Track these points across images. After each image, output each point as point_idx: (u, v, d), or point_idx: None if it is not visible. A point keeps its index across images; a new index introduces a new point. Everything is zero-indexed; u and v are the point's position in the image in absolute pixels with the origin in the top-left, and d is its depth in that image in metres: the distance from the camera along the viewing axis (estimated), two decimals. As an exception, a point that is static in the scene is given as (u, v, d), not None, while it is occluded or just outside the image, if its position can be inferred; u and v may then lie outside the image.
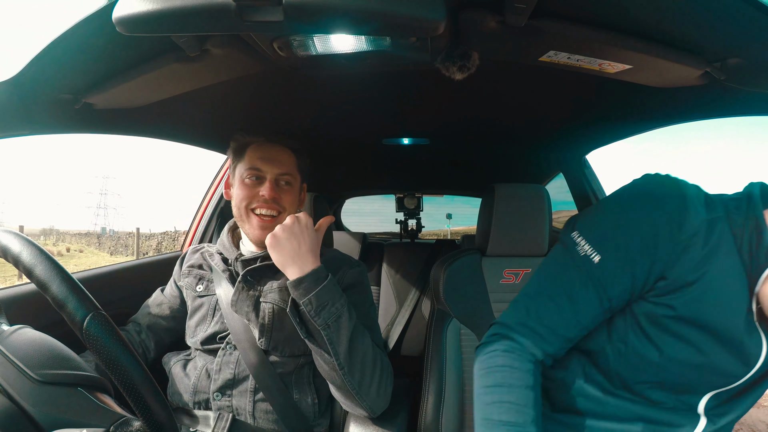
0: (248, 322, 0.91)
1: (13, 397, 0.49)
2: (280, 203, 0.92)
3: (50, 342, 0.57)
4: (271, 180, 0.92)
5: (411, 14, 0.48)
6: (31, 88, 0.69)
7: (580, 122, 1.15)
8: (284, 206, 0.93)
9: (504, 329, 0.68)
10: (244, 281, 0.93)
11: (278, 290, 0.92)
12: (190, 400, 0.91)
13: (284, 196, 0.93)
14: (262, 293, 0.93)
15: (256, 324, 0.90)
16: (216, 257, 0.99)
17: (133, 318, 1.05)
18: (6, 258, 0.49)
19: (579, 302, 0.63)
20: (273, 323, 0.91)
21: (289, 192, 0.94)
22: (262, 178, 0.93)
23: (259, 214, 0.91)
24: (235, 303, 0.91)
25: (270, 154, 0.94)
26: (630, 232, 0.59)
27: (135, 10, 0.48)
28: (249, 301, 0.92)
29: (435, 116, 1.15)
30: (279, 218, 0.92)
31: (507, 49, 0.67)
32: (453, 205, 2.88)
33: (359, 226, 2.77)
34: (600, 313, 0.63)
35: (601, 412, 0.67)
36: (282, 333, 0.91)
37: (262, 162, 0.93)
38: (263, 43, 0.65)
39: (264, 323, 0.90)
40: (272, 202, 0.91)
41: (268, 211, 0.91)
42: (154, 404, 0.44)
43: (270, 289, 0.93)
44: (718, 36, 0.59)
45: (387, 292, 1.75)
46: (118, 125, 1.00)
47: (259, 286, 0.94)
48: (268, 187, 0.91)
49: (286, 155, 0.96)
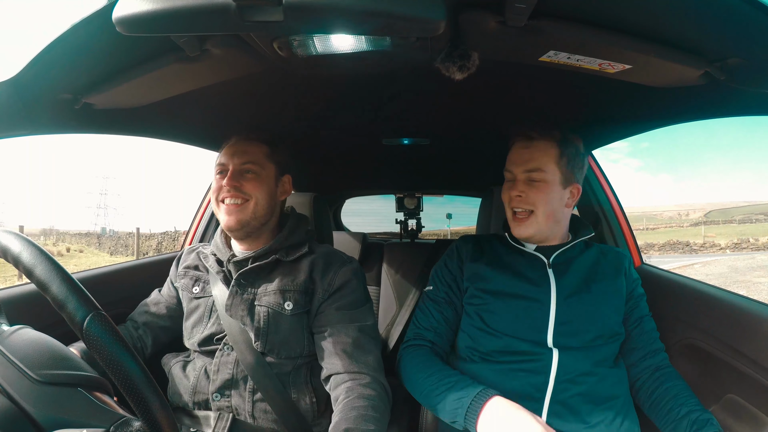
0: (244, 326, 0.91)
1: (13, 397, 0.49)
2: (242, 191, 0.93)
3: (50, 342, 0.57)
4: (232, 170, 0.94)
5: (411, 14, 0.48)
6: (31, 88, 0.69)
7: (580, 122, 1.15)
8: (249, 193, 0.94)
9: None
10: (237, 285, 0.93)
11: (273, 293, 0.92)
12: (190, 400, 0.91)
13: (246, 183, 0.94)
14: (256, 296, 0.93)
15: (251, 328, 0.90)
16: (210, 258, 1.00)
17: (131, 316, 1.05)
18: (6, 258, 0.49)
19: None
20: (268, 326, 0.91)
21: (254, 180, 0.95)
22: (226, 170, 0.95)
23: (226, 203, 0.93)
24: (229, 307, 0.92)
25: (235, 149, 0.97)
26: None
27: (135, 10, 0.48)
28: (243, 305, 0.92)
29: (435, 116, 1.15)
30: (245, 205, 0.93)
31: (507, 49, 0.67)
32: (453, 205, 2.87)
33: (358, 226, 2.77)
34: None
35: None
36: (278, 336, 0.91)
37: (226, 156, 0.96)
38: (263, 43, 0.65)
39: (259, 326, 0.90)
40: (234, 191, 0.92)
41: (231, 200, 0.93)
42: (154, 404, 0.44)
43: (264, 292, 0.93)
44: (718, 36, 0.59)
45: (387, 292, 1.75)
46: (118, 125, 1.00)
47: (253, 289, 0.94)
48: (228, 178, 0.93)
49: (253, 147, 0.97)
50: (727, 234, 31.38)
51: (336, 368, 0.86)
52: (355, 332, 0.90)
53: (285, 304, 0.91)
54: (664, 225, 58.67)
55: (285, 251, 0.97)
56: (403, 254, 1.81)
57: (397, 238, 2.39)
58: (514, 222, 0.97)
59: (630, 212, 1.58)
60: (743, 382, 0.81)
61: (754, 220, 47.56)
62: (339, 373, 0.86)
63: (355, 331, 0.90)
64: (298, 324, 0.93)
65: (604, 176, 1.48)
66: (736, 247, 23.88)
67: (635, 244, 1.42)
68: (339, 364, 0.86)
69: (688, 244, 24.76)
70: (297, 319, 0.92)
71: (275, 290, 0.92)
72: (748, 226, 41.98)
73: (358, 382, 0.84)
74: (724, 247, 23.85)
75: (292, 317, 0.92)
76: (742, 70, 0.65)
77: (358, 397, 0.80)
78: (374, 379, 0.85)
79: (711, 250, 23.33)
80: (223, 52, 0.66)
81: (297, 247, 0.99)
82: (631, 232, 1.44)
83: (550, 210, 0.94)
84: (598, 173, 1.47)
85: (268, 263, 0.95)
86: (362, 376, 0.85)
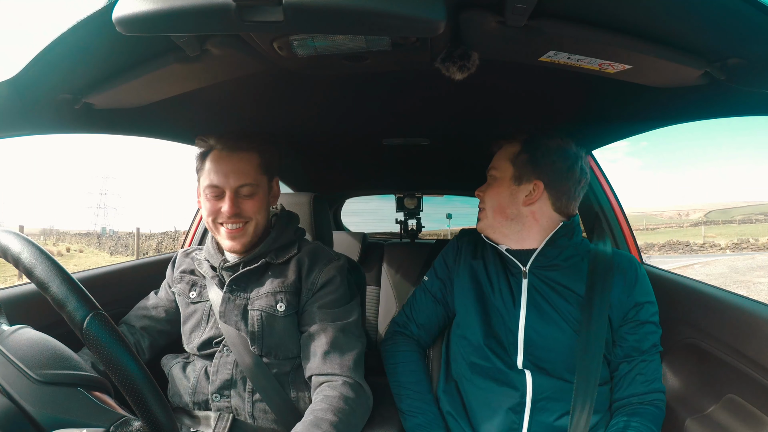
0: (239, 331, 0.91)
1: (13, 397, 0.48)
2: (243, 215, 0.92)
3: (50, 342, 0.57)
4: (230, 196, 0.90)
5: (411, 14, 0.48)
6: (31, 88, 0.69)
7: (579, 122, 1.15)
8: (249, 215, 0.92)
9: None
10: (229, 290, 0.93)
11: (265, 296, 0.92)
12: (190, 401, 0.91)
13: (246, 206, 0.92)
14: (248, 300, 0.93)
15: (246, 332, 0.90)
16: (204, 264, 0.99)
17: (125, 320, 1.03)
18: (6, 258, 0.49)
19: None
20: (263, 330, 0.91)
21: (253, 200, 0.93)
22: (222, 194, 0.91)
23: (227, 228, 0.92)
24: (223, 314, 0.92)
25: (227, 167, 0.91)
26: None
27: (135, 10, 0.48)
28: (237, 310, 0.92)
29: (435, 116, 1.15)
30: (246, 227, 0.92)
31: (507, 49, 0.67)
32: (453, 205, 2.87)
33: (357, 227, 2.76)
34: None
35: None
36: (273, 338, 0.91)
37: (218, 177, 0.91)
38: (263, 43, 0.65)
39: (254, 330, 0.90)
40: (235, 217, 0.90)
41: (233, 225, 0.91)
42: (154, 404, 0.44)
43: (257, 296, 0.93)
44: (718, 36, 0.59)
45: (387, 292, 1.75)
46: (118, 125, 1.00)
47: (245, 294, 0.93)
48: (228, 205, 0.90)
49: (244, 162, 0.93)
50: (727, 234, 31.40)
51: (312, 370, 0.88)
52: (336, 332, 0.90)
53: (278, 306, 0.91)
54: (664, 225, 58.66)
55: (275, 253, 0.97)
56: (403, 254, 1.81)
57: (397, 238, 2.39)
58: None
59: (630, 212, 1.58)
60: (743, 382, 0.81)
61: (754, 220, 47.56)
62: (315, 374, 0.87)
63: (335, 331, 0.90)
64: (292, 324, 0.93)
65: (604, 176, 1.47)
66: (736, 248, 23.88)
67: (635, 244, 1.42)
68: (315, 366, 0.87)
69: (688, 245, 24.76)
70: (290, 319, 0.93)
71: (267, 293, 0.92)
72: (748, 226, 41.98)
73: (329, 384, 0.85)
74: (724, 248, 23.85)
75: (286, 318, 0.92)
76: (742, 70, 0.65)
77: (322, 400, 0.81)
78: (345, 382, 0.85)
79: (711, 251, 23.33)
80: (223, 52, 0.66)
81: (287, 248, 0.99)
82: (631, 232, 1.44)
83: (497, 205, 0.97)
84: (598, 173, 1.47)
85: (258, 267, 0.94)
86: (335, 377, 0.85)
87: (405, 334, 1.07)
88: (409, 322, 1.07)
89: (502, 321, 0.93)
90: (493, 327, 0.93)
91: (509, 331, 0.92)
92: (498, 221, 0.97)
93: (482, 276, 0.99)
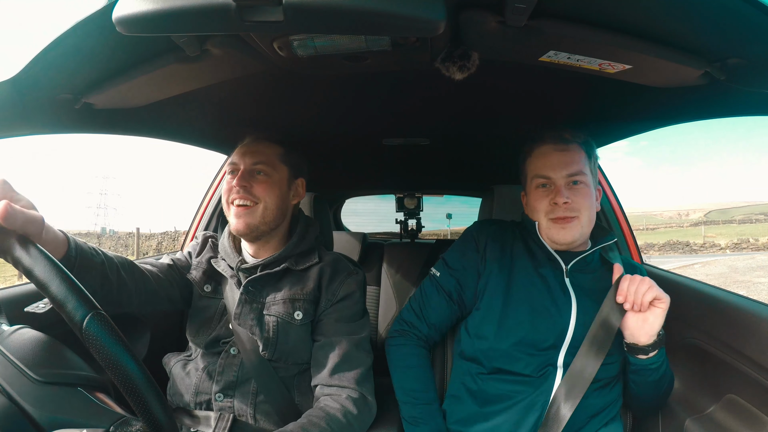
0: (252, 335, 0.90)
1: (13, 397, 0.49)
2: (252, 193, 0.90)
3: (50, 342, 0.57)
4: (242, 170, 0.92)
5: (411, 14, 0.48)
6: (31, 88, 0.69)
7: (579, 122, 1.15)
8: (258, 197, 0.91)
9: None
10: (246, 292, 0.91)
11: (282, 302, 0.91)
12: (192, 400, 0.91)
13: (257, 186, 0.91)
14: (265, 305, 0.92)
15: (260, 337, 0.90)
16: (222, 263, 0.99)
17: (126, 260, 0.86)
18: (6, 258, 0.49)
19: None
20: (278, 336, 0.90)
21: (264, 182, 0.92)
22: (238, 170, 0.93)
23: (235, 205, 0.91)
24: (238, 316, 0.90)
25: (249, 148, 0.95)
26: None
27: (135, 10, 0.48)
28: (253, 314, 0.91)
29: (435, 116, 1.15)
30: (254, 209, 0.90)
31: (507, 49, 0.67)
32: (453, 205, 2.87)
33: (357, 227, 2.77)
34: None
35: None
36: (287, 345, 0.90)
37: (238, 156, 0.94)
38: (263, 43, 0.65)
39: (269, 336, 0.89)
40: (243, 192, 0.90)
41: (241, 201, 0.90)
42: (154, 404, 0.44)
43: (273, 301, 0.92)
44: (718, 36, 0.59)
45: (387, 292, 1.76)
46: (118, 125, 1.00)
47: (262, 297, 0.93)
48: (238, 177, 0.91)
49: (265, 146, 0.96)
50: (727, 234, 31.39)
51: (319, 379, 0.87)
52: (349, 345, 0.90)
53: (295, 314, 0.91)
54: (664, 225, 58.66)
55: (295, 259, 0.96)
56: (403, 254, 1.81)
57: (397, 238, 2.39)
58: (555, 226, 0.90)
59: (630, 212, 1.58)
60: (743, 382, 0.81)
61: (754, 220, 47.56)
62: (321, 384, 0.87)
63: (348, 345, 0.90)
64: (306, 333, 0.93)
65: (604, 176, 1.47)
66: (736, 247, 23.88)
67: (635, 244, 1.42)
68: (323, 377, 0.87)
69: (688, 244, 24.77)
70: (305, 328, 0.92)
71: (284, 299, 0.92)
72: (748, 226, 41.98)
73: (332, 396, 0.84)
74: (724, 247, 23.86)
75: (301, 327, 0.91)
76: (742, 70, 0.65)
77: (321, 408, 0.81)
78: (349, 396, 0.84)
79: (711, 250, 23.33)
80: (223, 52, 0.66)
81: (307, 255, 0.98)
82: (631, 232, 1.44)
83: (593, 215, 0.91)
84: (598, 173, 1.47)
85: (278, 271, 0.94)
86: (341, 390, 0.85)
87: (414, 333, 1.00)
88: (419, 321, 1.00)
89: (550, 320, 0.88)
90: (537, 326, 0.88)
91: (557, 330, 0.87)
92: (588, 228, 0.92)
93: (521, 274, 0.94)
